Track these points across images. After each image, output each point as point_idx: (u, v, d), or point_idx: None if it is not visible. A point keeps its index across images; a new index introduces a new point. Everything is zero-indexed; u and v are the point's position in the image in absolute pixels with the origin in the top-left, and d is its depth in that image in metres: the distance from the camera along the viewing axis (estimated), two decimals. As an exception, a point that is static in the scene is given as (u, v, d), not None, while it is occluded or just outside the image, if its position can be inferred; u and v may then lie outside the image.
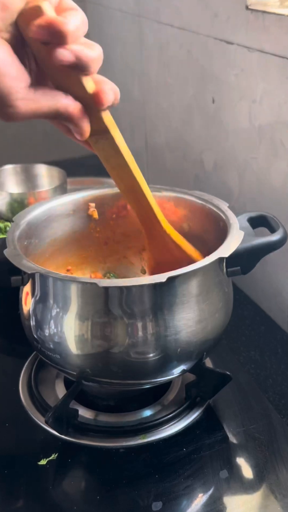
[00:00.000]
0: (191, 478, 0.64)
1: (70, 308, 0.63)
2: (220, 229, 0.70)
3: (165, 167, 1.23)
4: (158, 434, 0.69)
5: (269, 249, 0.68)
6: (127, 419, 0.71)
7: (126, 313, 0.62)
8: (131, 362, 0.63)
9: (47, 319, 0.65)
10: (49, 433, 0.69)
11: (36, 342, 0.67)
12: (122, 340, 0.62)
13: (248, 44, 0.84)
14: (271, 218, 0.72)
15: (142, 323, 0.62)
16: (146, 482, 0.64)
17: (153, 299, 0.62)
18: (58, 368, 0.68)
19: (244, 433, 0.69)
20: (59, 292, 0.63)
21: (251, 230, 0.70)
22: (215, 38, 0.93)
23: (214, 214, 0.73)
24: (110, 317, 0.62)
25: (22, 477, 0.65)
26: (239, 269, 0.68)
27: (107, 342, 0.62)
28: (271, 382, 0.78)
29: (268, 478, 0.64)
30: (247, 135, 0.89)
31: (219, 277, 0.67)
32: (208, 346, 0.68)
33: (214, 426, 0.70)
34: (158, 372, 0.66)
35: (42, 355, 0.68)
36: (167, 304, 0.62)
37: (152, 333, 0.62)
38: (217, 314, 0.67)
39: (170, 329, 0.63)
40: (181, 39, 1.04)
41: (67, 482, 0.65)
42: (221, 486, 0.63)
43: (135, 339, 0.62)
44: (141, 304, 0.62)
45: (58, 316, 0.64)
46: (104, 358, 0.63)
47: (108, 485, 0.64)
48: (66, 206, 0.78)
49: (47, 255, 0.77)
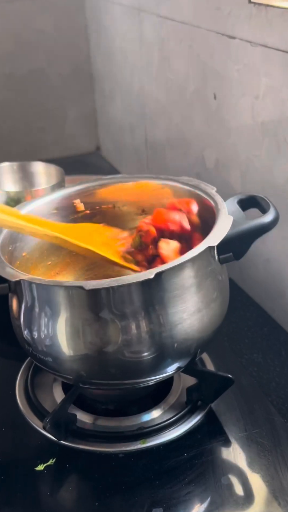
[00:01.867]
0: (192, 484, 0.64)
1: (60, 313, 0.62)
2: (210, 214, 0.69)
3: (165, 165, 1.23)
4: (158, 438, 0.69)
5: (262, 231, 0.67)
6: (126, 423, 0.71)
7: (117, 313, 0.61)
8: (127, 362, 0.63)
9: (37, 325, 0.64)
10: (46, 438, 0.69)
11: (28, 346, 0.67)
12: (115, 341, 0.62)
13: (251, 38, 0.84)
14: (261, 199, 0.71)
15: (135, 322, 0.62)
16: (146, 488, 0.63)
17: (143, 296, 0.61)
18: (53, 373, 0.68)
19: (246, 437, 0.69)
20: (46, 297, 0.63)
21: (242, 213, 0.68)
22: (217, 32, 0.92)
23: (202, 199, 0.72)
24: (101, 319, 0.61)
25: (19, 483, 0.65)
26: (232, 255, 0.66)
27: (100, 344, 0.62)
28: (274, 385, 0.78)
29: (271, 484, 0.64)
30: (249, 132, 0.89)
31: (211, 266, 0.66)
32: (207, 339, 0.67)
33: (215, 431, 0.70)
34: (155, 369, 0.65)
35: (36, 360, 0.68)
36: (159, 299, 0.62)
37: (146, 331, 0.62)
38: (213, 304, 0.66)
39: (165, 325, 0.62)
40: (182, 33, 1.04)
41: (65, 488, 0.65)
42: (223, 492, 0.63)
43: (129, 339, 0.62)
44: (131, 303, 0.61)
45: (49, 322, 0.63)
46: (98, 360, 0.63)
47: (107, 491, 0.64)
48: (48, 205, 0.78)
49: (34, 258, 0.76)
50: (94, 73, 1.59)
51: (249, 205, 0.71)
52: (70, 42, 1.56)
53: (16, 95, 1.55)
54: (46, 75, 1.56)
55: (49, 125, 1.61)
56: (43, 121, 1.60)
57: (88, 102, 1.63)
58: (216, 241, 0.62)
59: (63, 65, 1.57)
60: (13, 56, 1.52)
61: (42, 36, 1.52)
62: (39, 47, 1.53)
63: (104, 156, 1.65)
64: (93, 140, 1.68)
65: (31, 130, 1.59)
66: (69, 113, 1.62)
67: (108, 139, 1.61)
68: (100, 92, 1.58)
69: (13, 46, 1.51)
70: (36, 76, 1.55)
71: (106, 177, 0.83)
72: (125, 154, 1.47)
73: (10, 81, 1.53)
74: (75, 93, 1.61)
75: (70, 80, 1.59)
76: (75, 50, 1.57)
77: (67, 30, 1.54)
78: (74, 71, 1.59)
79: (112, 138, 1.56)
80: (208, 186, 0.74)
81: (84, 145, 1.67)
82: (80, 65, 1.59)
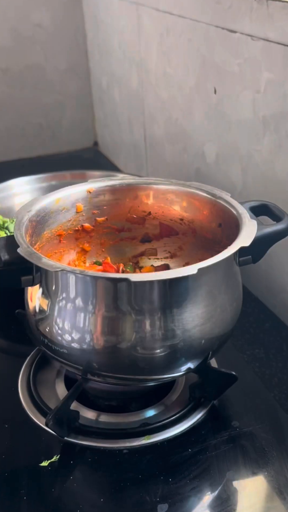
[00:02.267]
0: (197, 480, 0.64)
1: (94, 305, 0.63)
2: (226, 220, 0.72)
3: (164, 160, 1.23)
4: (163, 434, 0.69)
5: (280, 236, 0.70)
6: (130, 419, 0.71)
7: (148, 307, 0.63)
8: (157, 357, 0.64)
9: (63, 317, 0.65)
10: (50, 434, 0.69)
11: (43, 338, 0.67)
12: (141, 335, 0.63)
13: (252, 32, 0.84)
14: (274, 206, 0.73)
15: (163, 317, 0.63)
16: (151, 483, 0.64)
17: (179, 292, 0.63)
18: (64, 363, 0.68)
19: (250, 433, 0.70)
20: (80, 289, 0.63)
21: (256, 219, 0.70)
22: (217, 26, 0.93)
23: (219, 206, 0.75)
24: (136, 311, 0.63)
25: (23, 479, 0.65)
26: (250, 258, 0.69)
27: (125, 337, 0.63)
28: (276, 381, 0.79)
29: (276, 479, 0.64)
30: (250, 127, 0.89)
31: (234, 268, 0.69)
32: (226, 338, 0.69)
33: (219, 426, 0.71)
34: (169, 367, 0.66)
35: (49, 350, 0.68)
36: (193, 296, 0.64)
37: (177, 326, 0.63)
38: (235, 303, 0.69)
39: (194, 321, 0.64)
40: (182, 27, 1.04)
41: (70, 484, 0.65)
42: (228, 487, 0.63)
43: (155, 333, 0.63)
44: (165, 298, 0.63)
45: (79, 313, 0.64)
46: (118, 353, 0.64)
47: (111, 487, 0.64)
48: (63, 200, 0.79)
49: (44, 252, 0.77)
50: (91, 68, 1.59)
51: (260, 212, 0.73)
52: (68, 37, 1.56)
53: (13, 90, 1.55)
54: (44, 70, 1.56)
55: (47, 120, 1.61)
56: (40, 116, 1.60)
57: (86, 97, 1.63)
58: (248, 241, 0.65)
59: (61, 59, 1.57)
60: (10, 51, 1.51)
61: (39, 30, 1.52)
62: (36, 41, 1.53)
63: (102, 152, 1.65)
64: (91, 136, 1.68)
65: (28, 125, 1.59)
66: (67, 108, 1.62)
67: (106, 135, 1.61)
68: (98, 87, 1.58)
69: (10, 41, 1.51)
70: (33, 71, 1.55)
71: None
72: (123, 149, 1.47)
73: (7, 76, 1.53)
74: (73, 88, 1.61)
75: (68, 75, 1.59)
76: (73, 45, 1.57)
77: (64, 25, 1.54)
78: (72, 66, 1.59)
79: (110, 133, 1.56)
80: (223, 192, 0.76)
81: (82, 140, 1.67)
82: (78, 59, 1.59)
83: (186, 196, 0.80)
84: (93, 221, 0.82)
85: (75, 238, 0.82)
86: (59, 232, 0.79)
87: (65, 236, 0.80)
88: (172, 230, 0.83)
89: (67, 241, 0.81)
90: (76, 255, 0.83)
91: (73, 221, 0.80)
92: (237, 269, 0.70)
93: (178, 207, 0.81)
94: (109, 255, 0.84)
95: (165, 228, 0.83)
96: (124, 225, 0.84)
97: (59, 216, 0.78)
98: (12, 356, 0.85)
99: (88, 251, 0.83)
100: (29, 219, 0.71)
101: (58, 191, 0.78)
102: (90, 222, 0.82)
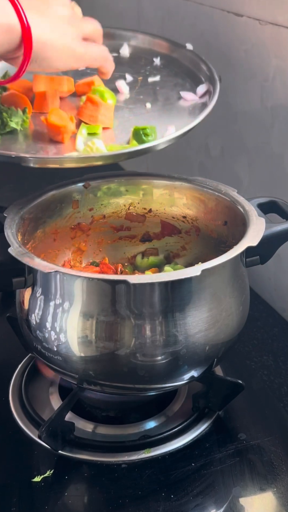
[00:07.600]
0: (201, 496, 0.64)
1: (94, 308, 0.63)
2: (231, 217, 0.72)
3: (166, 154, 1.23)
4: (164, 447, 0.69)
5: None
6: (129, 431, 0.71)
7: (149, 311, 0.63)
8: (157, 364, 0.64)
9: (56, 321, 0.65)
10: (43, 448, 0.69)
11: (37, 344, 0.67)
12: (142, 340, 0.63)
13: (260, 16, 0.84)
14: (283, 203, 0.73)
15: (165, 321, 0.63)
16: (152, 500, 0.64)
17: (181, 294, 0.63)
18: (58, 370, 0.68)
19: (258, 446, 0.70)
20: (77, 291, 0.63)
21: (264, 216, 0.70)
22: (222, 9, 0.93)
23: (225, 202, 0.75)
24: (136, 315, 0.62)
25: (14, 496, 0.65)
26: (258, 259, 0.69)
27: (125, 342, 0.63)
28: (286, 390, 0.79)
29: (286, 496, 0.64)
30: (258, 118, 0.89)
31: (241, 269, 0.69)
32: (232, 344, 0.69)
33: (225, 439, 0.71)
34: (171, 376, 0.66)
35: (42, 356, 0.68)
36: (196, 299, 0.64)
37: (179, 330, 0.63)
38: (241, 307, 0.69)
39: (198, 326, 0.64)
40: (184, 11, 1.04)
41: (64, 502, 0.65)
42: (234, 504, 0.63)
43: (157, 339, 0.63)
44: (166, 301, 0.63)
45: (70, 316, 0.64)
46: (116, 360, 0.63)
47: (109, 505, 0.64)
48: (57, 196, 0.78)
49: (37, 252, 0.76)
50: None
51: (269, 209, 0.73)
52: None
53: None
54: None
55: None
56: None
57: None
58: (256, 241, 0.64)
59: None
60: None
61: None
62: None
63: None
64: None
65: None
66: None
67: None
68: (94, 75, 1.57)
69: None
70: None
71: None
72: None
73: None
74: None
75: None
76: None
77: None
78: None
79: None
80: (228, 187, 0.76)
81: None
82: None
83: (189, 192, 0.80)
84: (90, 219, 0.82)
85: (71, 237, 0.82)
86: (53, 231, 0.79)
87: (60, 234, 0.80)
88: (174, 229, 0.83)
89: (62, 240, 0.81)
90: (71, 255, 0.83)
91: (68, 219, 0.80)
92: (244, 270, 0.70)
93: (181, 204, 0.81)
94: (106, 255, 0.84)
95: (167, 226, 0.83)
96: (123, 223, 0.83)
97: (53, 214, 0.78)
98: (2, 363, 0.85)
99: (84, 251, 0.83)
100: (21, 216, 0.71)
101: (52, 186, 0.78)
102: (86, 220, 0.82)
